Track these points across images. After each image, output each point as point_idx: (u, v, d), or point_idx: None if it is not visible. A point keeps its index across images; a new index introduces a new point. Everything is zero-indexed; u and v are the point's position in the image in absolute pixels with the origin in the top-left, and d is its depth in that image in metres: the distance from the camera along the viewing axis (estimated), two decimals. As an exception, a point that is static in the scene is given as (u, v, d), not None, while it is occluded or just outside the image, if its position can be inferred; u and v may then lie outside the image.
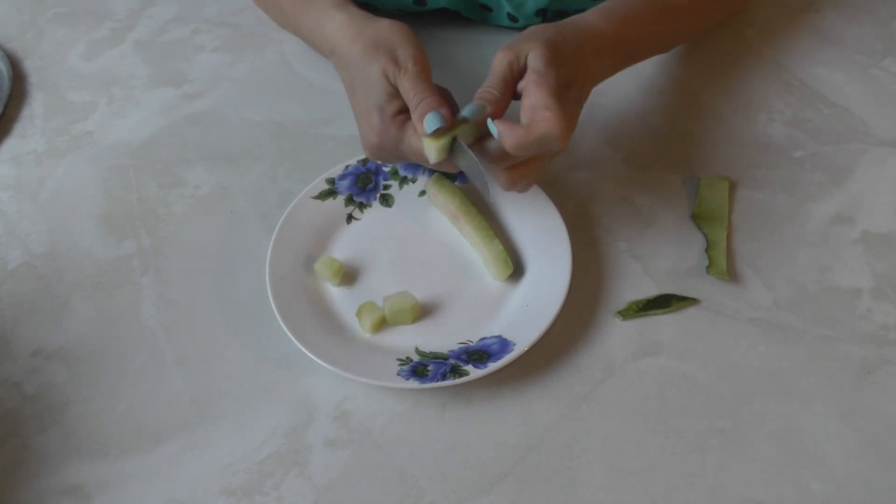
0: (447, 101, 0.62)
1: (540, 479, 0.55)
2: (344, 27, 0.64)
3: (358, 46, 0.61)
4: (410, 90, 0.58)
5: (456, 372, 0.57)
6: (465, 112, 0.57)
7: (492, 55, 0.59)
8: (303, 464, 0.57)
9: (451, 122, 0.56)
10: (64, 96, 0.82)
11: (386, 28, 0.61)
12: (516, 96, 0.59)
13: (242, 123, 0.78)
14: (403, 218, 0.69)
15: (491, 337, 0.60)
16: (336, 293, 0.64)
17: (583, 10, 0.76)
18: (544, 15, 0.79)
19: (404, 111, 0.59)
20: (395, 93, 0.59)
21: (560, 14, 0.81)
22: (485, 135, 0.57)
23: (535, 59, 0.57)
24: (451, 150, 0.57)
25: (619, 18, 0.64)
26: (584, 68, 0.60)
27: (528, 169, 0.58)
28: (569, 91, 0.58)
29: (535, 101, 0.55)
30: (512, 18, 0.81)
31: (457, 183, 0.69)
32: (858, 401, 0.58)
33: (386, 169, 0.70)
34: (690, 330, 0.62)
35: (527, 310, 0.61)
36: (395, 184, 0.70)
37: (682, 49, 0.80)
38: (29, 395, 0.61)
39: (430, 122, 0.56)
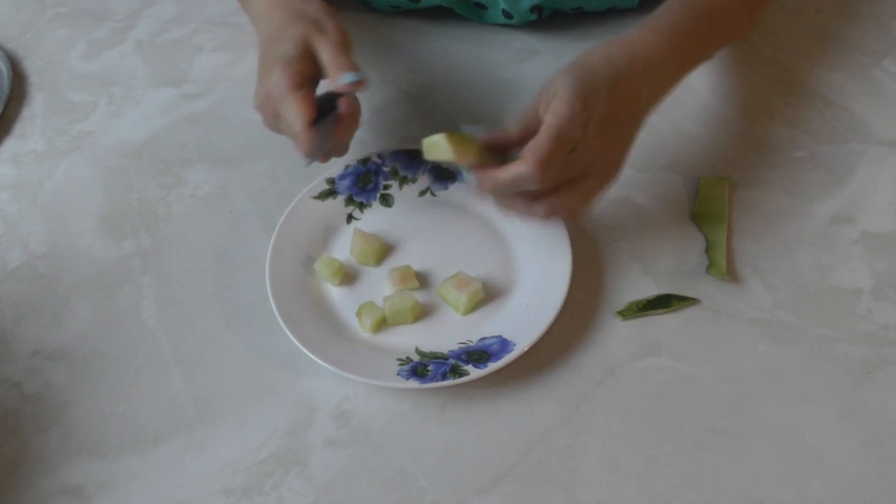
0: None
1: (540, 479, 0.55)
2: None
3: (283, 11, 0.63)
4: (331, 51, 0.59)
5: (456, 372, 0.57)
6: (467, 130, 0.57)
7: (486, 53, 0.59)
8: (303, 464, 0.57)
9: (367, 82, 0.58)
10: (64, 96, 0.82)
11: (315, 3, 0.64)
12: None
13: (242, 123, 0.78)
14: (403, 218, 0.69)
15: (491, 337, 0.60)
16: (336, 293, 0.64)
17: (579, 7, 0.75)
18: (540, 12, 0.79)
19: (304, 80, 0.59)
20: (306, 56, 0.60)
21: (556, 11, 0.80)
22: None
23: (560, 87, 0.55)
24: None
25: (667, 28, 0.60)
26: (630, 89, 0.57)
27: (556, 199, 0.56)
28: (605, 121, 0.55)
29: (535, 140, 0.54)
30: (507, 15, 0.80)
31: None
32: (858, 401, 0.58)
33: (386, 169, 0.70)
34: (690, 330, 0.62)
35: (527, 310, 0.61)
36: (395, 184, 0.70)
37: (682, 49, 0.80)
38: (29, 395, 0.61)
39: (348, 76, 0.57)
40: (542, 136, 0.53)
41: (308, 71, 0.60)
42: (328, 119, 0.60)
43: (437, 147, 0.56)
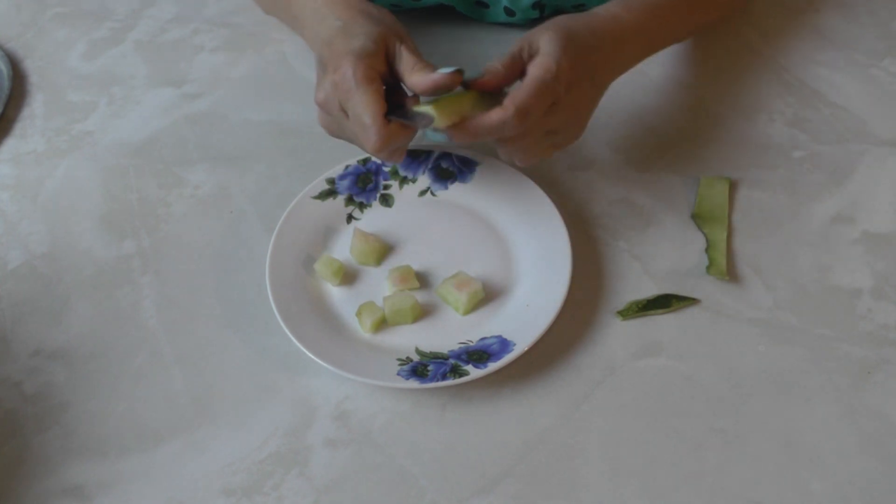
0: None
1: (540, 479, 0.55)
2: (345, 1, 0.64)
3: (349, 9, 0.61)
4: (411, 54, 0.58)
5: (456, 372, 0.57)
6: (444, 71, 0.57)
7: (488, 51, 0.59)
8: (303, 464, 0.57)
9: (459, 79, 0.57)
10: (64, 96, 0.82)
11: (379, 7, 0.63)
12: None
13: (242, 123, 0.78)
14: (403, 218, 0.69)
15: (491, 337, 0.60)
16: (336, 293, 0.64)
17: (580, 4, 0.76)
18: (542, 9, 0.79)
19: (377, 75, 0.57)
20: (380, 54, 0.58)
21: (557, 8, 0.81)
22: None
23: (546, 43, 0.57)
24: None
25: (639, 7, 0.65)
26: (604, 58, 0.61)
27: (522, 144, 0.59)
28: (581, 83, 0.58)
29: (518, 89, 0.55)
30: (509, 13, 0.80)
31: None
32: (858, 401, 0.58)
33: (386, 169, 0.70)
34: (690, 330, 0.62)
35: (527, 310, 0.61)
36: (395, 184, 0.70)
37: (682, 49, 0.80)
38: (29, 395, 0.61)
39: (446, 69, 0.56)
40: (525, 86, 0.55)
41: (381, 69, 0.58)
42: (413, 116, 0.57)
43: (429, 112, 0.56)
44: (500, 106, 0.55)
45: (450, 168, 0.70)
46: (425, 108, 0.55)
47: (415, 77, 0.57)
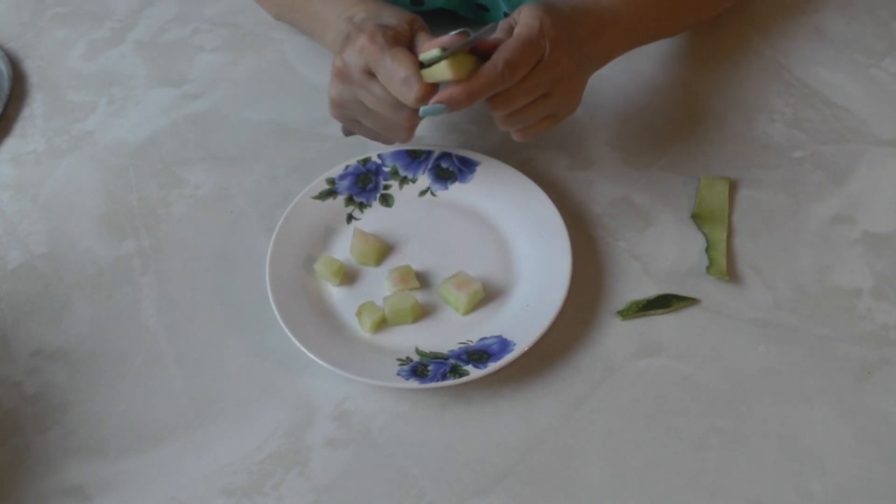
0: None
1: (540, 479, 0.55)
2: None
3: (384, 6, 0.64)
4: (429, 38, 0.60)
5: (456, 372, 0.57)
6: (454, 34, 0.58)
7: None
8: (303, 464, 0.57)
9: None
10: (64, 96, 0.82)
11: (408, 10, 0.65)
12: None
13: (242, 123, 0.78)
14: (403, 218, 0.69)
15: (491, 337, 0.60)
16: (336, 293, 0.64)
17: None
18: None
19: (400, 40, 0.59)
20: (405, 31, 0.60)
21: None
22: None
23: (527, 9, 0.59)
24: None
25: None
26: (590, 34, 0.62)
27: (521, 113, 0.60)
28: (563, 44, 0.59)
29: (505, 44, 0.57)
30: None
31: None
32: (858, 401, 0.58)
33: (386, 169, 0.70)
34: (690, 330, 0.62)
35: (527, 310, 0.61)
36: (395, 184, 0.70)
37: (682, 48, 0.80)
38: (29, 395, 0.61)
39: (453, 32, 0.57)
40: (511, 42, 0.57)
41: (405, 44, 0.60)
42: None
43: (439, 71, 0.56)
44: (490, 63, 0.56)
45: (450, 168, 0.70)
46: (434, 55, 0.56)
47: (425, 45, 0.59)
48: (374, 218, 0.69)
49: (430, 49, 0.57)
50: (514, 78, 0.56)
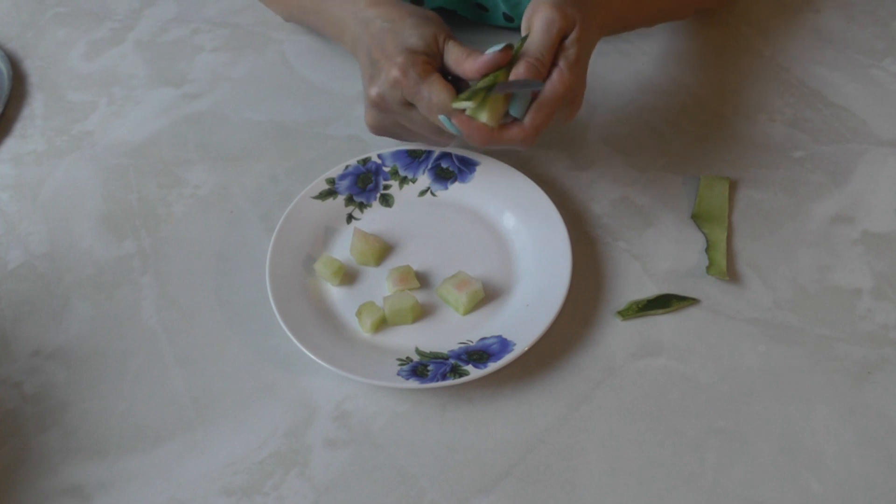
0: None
1: (540, 479, 0.55)
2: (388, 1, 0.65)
3: (407, 12, 0.63)
4: (461, 49, 0.59)
5: (456, 372, 0.57)
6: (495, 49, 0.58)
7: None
8: (303, 464, 0.57)
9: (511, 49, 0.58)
10: (64, 96, 0.82)
11: (433, 12, 0.64)
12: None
13: (242, 123, 0.78)
14: (403, 218, 0.69)
15: (491, 337, 0.60)
16: (336, 293, 0.64)
17: None
18: None
19: (433, 68, 0.59)
20: (433, 50, 0.60)
21: None
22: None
23: (570, 54, 0.59)
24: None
25: None
26: (596, 27, 0.62)
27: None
28: (584, 45, 0.60)
29: (535, 107, 0.58)
30: (508, 18, 0.81)
31: None
32: (858, 401, 0.58)
33: (386, 169, 0.70)
34: (690, 330, 0.62)
35: (527, 310, 0.61)
36: (395, 184, 0.70)
37: (681, 48, 0.80)
38: (29, 395, 0.61)
39: (495, 47, 0.57)
40: (545, 103, 0.58)
41: (435, 64, 0.60)
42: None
43: (473, 109, 0.57)
44: (519, 126, 0.58)
45: (450, 168, 0.70)
46: (466, 104, 0.57)
47: (468, 63, 0.58)
48: (374, 218, 0.69)
49: (472, 66, 0.58)
50: (540, 135, 0.59)
